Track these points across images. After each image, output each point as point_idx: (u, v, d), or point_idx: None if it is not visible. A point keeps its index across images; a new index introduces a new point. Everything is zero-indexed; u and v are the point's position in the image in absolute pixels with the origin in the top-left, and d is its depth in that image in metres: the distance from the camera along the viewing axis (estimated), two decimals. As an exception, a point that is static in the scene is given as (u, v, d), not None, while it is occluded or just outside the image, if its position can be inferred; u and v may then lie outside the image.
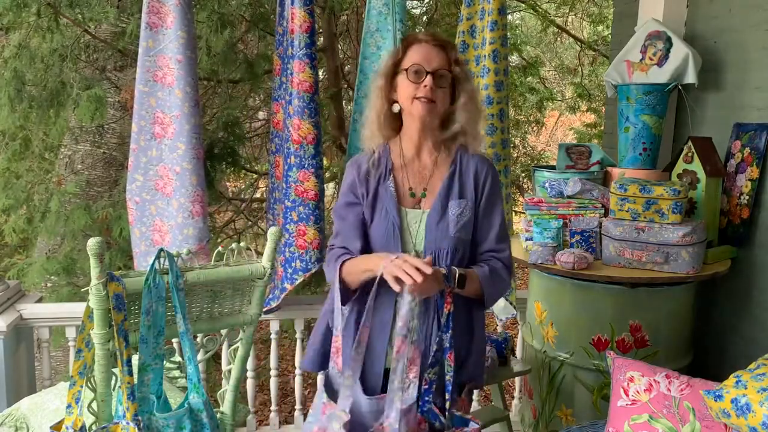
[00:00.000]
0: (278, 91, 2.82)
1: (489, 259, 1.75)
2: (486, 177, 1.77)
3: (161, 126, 2.51)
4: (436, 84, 1.67)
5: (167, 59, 2.48)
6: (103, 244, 1.57)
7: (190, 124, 2.48)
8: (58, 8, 3.55)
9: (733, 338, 2.67)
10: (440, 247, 1.69)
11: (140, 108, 2.54)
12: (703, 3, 2.88)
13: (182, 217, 2.51)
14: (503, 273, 1.75)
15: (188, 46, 2.48)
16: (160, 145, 2.53)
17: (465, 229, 1.72)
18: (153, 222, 2.58)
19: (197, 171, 2.50)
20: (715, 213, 2.59)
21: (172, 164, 2.51)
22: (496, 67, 2.80)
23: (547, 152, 9.41)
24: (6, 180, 4.01)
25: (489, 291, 1.71)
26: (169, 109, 2.50)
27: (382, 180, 1.76)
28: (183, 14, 2.46)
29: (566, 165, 2.81)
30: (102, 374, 1.64)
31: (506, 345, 2.68)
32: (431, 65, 1.67)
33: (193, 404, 1.73)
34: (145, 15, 2.49)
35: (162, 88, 2.50)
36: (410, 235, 1.72)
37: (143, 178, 2.57)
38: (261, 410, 4.36)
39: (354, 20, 5.76)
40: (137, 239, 2.63)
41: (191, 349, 1.74)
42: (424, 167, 1.78)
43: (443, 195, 1.73)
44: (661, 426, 1.83)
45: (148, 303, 1.66)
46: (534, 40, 9.35)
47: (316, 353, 1.84)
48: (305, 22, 2.55)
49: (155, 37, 2.49)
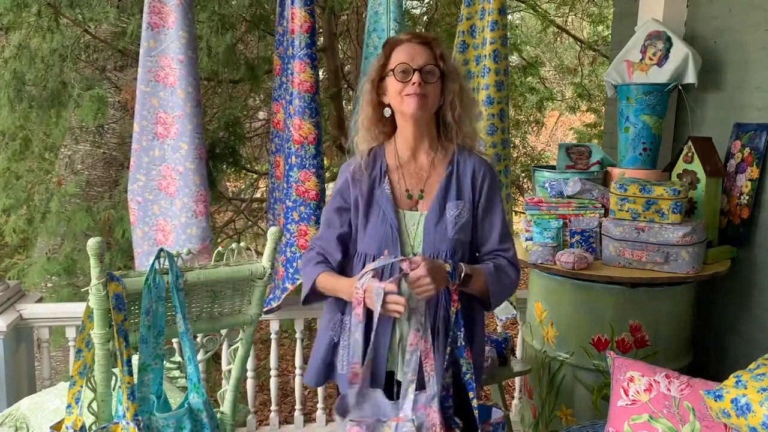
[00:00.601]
0: (278, 91, 2.82)
1: (494, 257, 1.75)
2: (484, 178, 1.75)
3: (164, 126, 2.52)
4: (424, 80, 1.66)
5: (169, 59, 2.49)
6: (103, 244, 1.57)
7: (193, 124, 2.49)
8: (58, 8, 3.55)
9: (733, 338, 2.67)
10: (439, 249, 1.69)
11: (142, 108, 2.54)
12: (703, 3, 2.88)
13: (185, 216, 2.52)
14: (509, 270, 1.74)
15: (189, 46, 2.48)
16: (162, 145, 2.53)
17: (463, 231, 1.71)
18: (156, 222, 2.58)
19: (200, 171, 2.51)
20: (715, 213, 2.59)
21: (175, 164, 2.52)
22: (497, 66, 2.79)
23: (547, 152, 9.41)
24: (6, 180, 4.01)
25: (495, 288, 1.70)
26: (171, 109, 2.50)
27: (377, 183, 1.75)
28: (184, 14, 2.46)
29: (566, 165, 2.81)
30: (102, 374, 1.64)
31: (506, 345, 2.68)
32: (417, 63, 1.67)
33: (193, 404, 1.73)
34: (146, 15, 2.49)
35: (164, 88, 2.51)
36: (408, 237, 1.72)
37: (145, 178, 2.57)
38: (261, 410, 4.36)
39: (354, 20, 5.76)
40: (139, 239, 2.63)
41: (191, 349, 1.74)
42: (421, 168, 1.76)
43: (441, 196, 1.72)
44: (661, 426, 1.83)
45: (148, 303, 1.66)
46: (534, 40, 9.35)
47: (318, 369, 1.82)
48: (306, 22, 2.55)
49: (157, 37, 2.49)
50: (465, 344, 1.66)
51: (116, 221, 3.56)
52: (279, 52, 2.81)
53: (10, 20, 3.59)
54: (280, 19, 2.76)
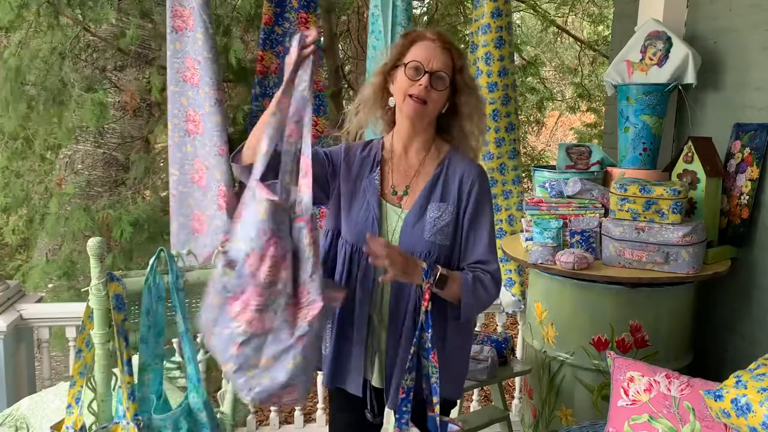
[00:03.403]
0: (275, 89, 2.87)
1: (475, 270, 1.68)
2: (473, 184, 1.69)
3: (193, 123, 2.67)
4: (432, 85, 1.62)
5: (192, 60, 2.62)
6: (103, 244, 1.57)
7: (212, 122, 2.61)
8: (58, 8, 3.55)
9: (733, 338, 2.67)
10: (414, 249, 1.64)
11: (173, 107, 2.68)
12: (703, 3, 2.88)
13: (213, 209, 2.68)
14: (489, 286, 1.66)
15: (205, 47, 2.59)
16: (194, 141, 2.69)
17: (441, 234, 1.66)
18: (192, 212, 2.75)
19: (220, 167, 2.63)
20: (715, 213, 2.59)
21: (204, 159, 2.67)
22: (488, 69, 2.86)
23: (547, 152, 9.42)
24: (6, 180, 4.01)
25: (468, 300, 1.63)
26: (198, 107, 2.65)
27: (368, 171, 1.72)
28: (199, 16, 2.57)
29: (566, 165, 2.81)
30: (102, 374, 1.65)
31: (506, 345, 2.69)
32: (431, 65, 1.61)
33: (193, 404, 1.73)
34: (169, 19, 2.62)
35: (192, 88, 2.65)
36: (387, 232, 1.69)
37: (179, 173, 2.73)
38: (261, 410, 4.36)
39: (354, 20, 5.77)
40: (176, 229, 2.78)
41: (191, 349, 1.74)
42: (410, 166, 1.73)
43: (424, 196, 1.68)
44: (661, 426, 1.83)
45: (148, 303, 1.66)
46: (534, 40, 9.36)
47: None
48: (315, 25, 2.75)
49: (181, 39, 2.63)
50: (432, 346, 1.58)
51: (115, 221, 3.56)
52: (277, 50, 2.87)
53: (10, 20, 3.59)
54: (279, 19, 2.85)
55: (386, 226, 1.69)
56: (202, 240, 2.71)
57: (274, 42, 2.86)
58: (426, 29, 1.68)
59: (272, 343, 1.43)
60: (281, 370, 1.42)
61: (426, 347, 1.59)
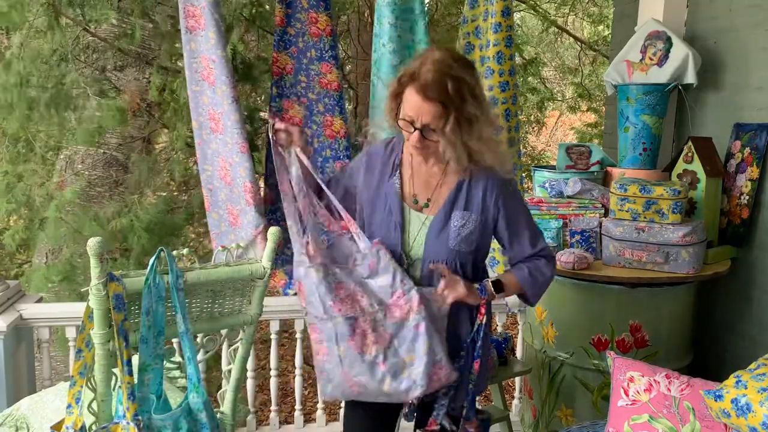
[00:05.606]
0: (292, 89, 2.90)
1: (529, 260, 1.79)
2: (499, 194, 1.71)
3: (214, 122, 2.68)
4: (424, 136, 1.62)
5: (207, 60, 2.62)
6: (103, 243, 1.57)
7: (231, 120, 2.61)
8: (58, 8, 3.55)
9: (733, 338, 2.67)
10: (438, 257, 1.70)
11: (196, 106, 2.70)
12: (703, 3, 2.88)
13: (242, 204, 2.70)
14: (545, 267, 1.79)
15: (218, 46, 2.58)
16: (216, 139, 2.71)
17: (466, 242, 1.71)
18: (226, 206, 2.79)
19: (243, 164, 2.64)
20: (715, 213, 2.59)
21: (227, 156, 2.69)
22: (500, 68, 2.82)
23: (547, 152, 9.42)
24: (7, 182, 4.00)
25: (533, 291, 1.80)
26: (217, 105, 2.65)
27: (388, 175, 1.76)
28: (210, 15, 2.56)
29: (566, 165, 2.81)
30: (102, 374, 1.64)
31: (506, 345, 2.68)
32: (420, 121, 1.60)
33: (193, 404, 1.73)
34: (182, 20, 2.61)
35: (210, 87, 2.65)
36: (409, 237, 1.72)
37: (211, 168, 2.76)
38: (261, 410, 4.35)
39: (355, 20, 5.76)
40: (215, 221, 2.82)
41: (191, 349, 1.74)
42: (432, 175, 1.75)
43: (449, 204, 1.71)
44: (661, 426, 1.82)
45: (148, 303, 1.66)
46: (534, 40, 9.35)
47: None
48: (328, 25, 2.74)
49: (195, 39, 2.62)
50: (478, 356, 1.73)
51: (128, 229, 3.56)
52: (291, 51, 2.87)
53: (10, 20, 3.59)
54: (290, 20, 2.84)
55: (408, 231, 1.73)
56: (239, 233, 2.73)
57: (287, 43, 2.87)
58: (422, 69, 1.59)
59: (401, 343, 1.65)
60: (421, 356, 1.63)
61: (475, 354, 1.74)
